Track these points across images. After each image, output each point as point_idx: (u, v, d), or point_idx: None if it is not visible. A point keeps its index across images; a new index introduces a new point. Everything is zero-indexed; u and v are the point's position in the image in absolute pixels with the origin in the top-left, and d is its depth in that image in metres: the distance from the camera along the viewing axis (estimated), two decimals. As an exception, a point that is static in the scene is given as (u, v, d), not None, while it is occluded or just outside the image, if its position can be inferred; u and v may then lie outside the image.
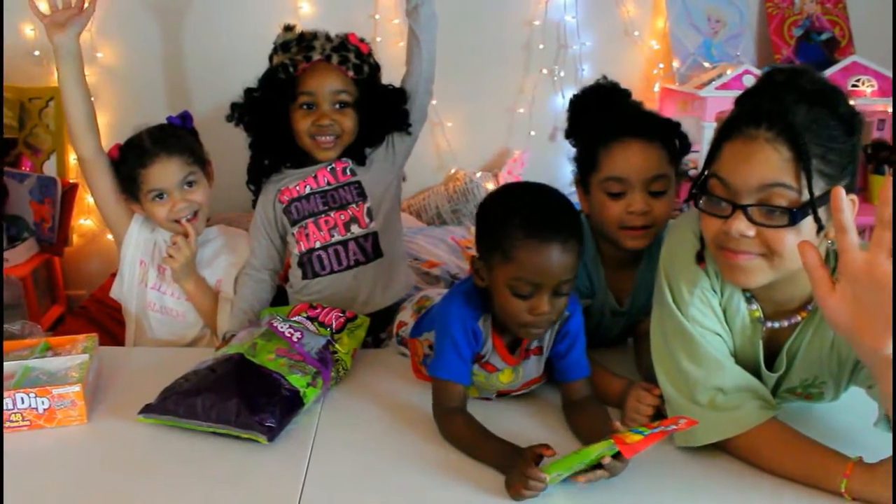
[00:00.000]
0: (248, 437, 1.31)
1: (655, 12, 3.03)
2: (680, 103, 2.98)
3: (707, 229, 1.21)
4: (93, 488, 1.23)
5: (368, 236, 1.86)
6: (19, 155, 2.91)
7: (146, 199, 1.82)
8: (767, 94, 1.18)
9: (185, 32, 2.90)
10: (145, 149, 1.82)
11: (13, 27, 2.87)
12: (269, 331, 1.53)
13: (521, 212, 1.28)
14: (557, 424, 1.41)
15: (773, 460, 1.23)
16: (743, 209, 1.14)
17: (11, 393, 1.38)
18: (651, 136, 1.52)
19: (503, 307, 1.32)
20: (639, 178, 1.50)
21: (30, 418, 1.39)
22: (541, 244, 1.26)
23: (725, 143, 1.17)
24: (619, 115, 1.58)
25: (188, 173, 1.82)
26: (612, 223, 1.53)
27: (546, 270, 1.26)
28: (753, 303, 1.30)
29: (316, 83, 1.78)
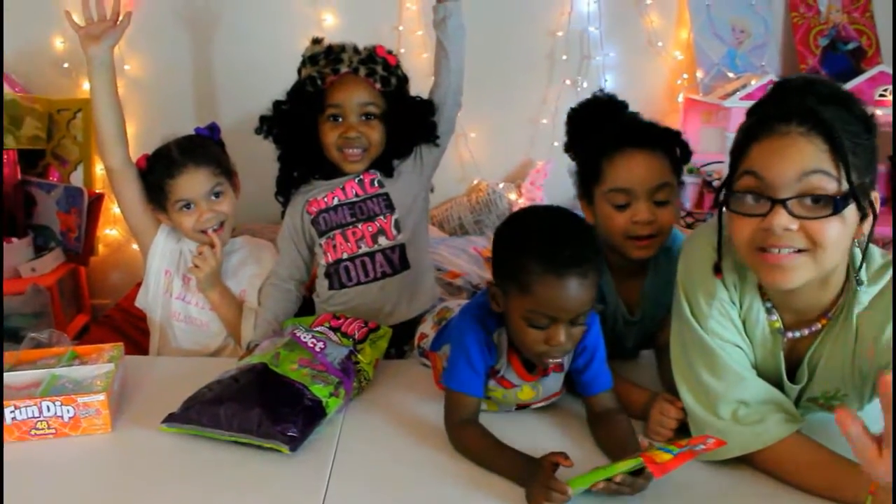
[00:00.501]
0: (271, 446, 1.31)
1: (679, 23, 3.02)
2: (704, 114, 2.96)
3: (740, 232, 1.19)
4: (116, 497, 1.24)
5: (396, 248, 1.86)
6: (47, 166, 2.95)
7: (173, 210, 1.84)
8: (788, 96, 1.17)
9: (211, 44, 2.93)
10: (173, 159, 1.83)
11: (44, 39, 2.92)
12: (293, 341, 1.53)
13: (539, 244, 1.26)
14: (580, 436, 1.40)
15: (797, 475, 1.22)
16: (783, 203, 1.12)
17: (38, 401, 1.39)
18: (653, 145, 1.52)
19: (519, 336, 1.32)
20: (643, 188, 1.50)
21: (55, 426, 1.40)
22: (559, 279, 1.24)
23: (754, 143, 1.16)
24: (621, 126, 1.58)
25: (215, 184, 1.84)
26: (618, 234, 1.53)
27: (563, 305, 1.25)
28: (773, 313, 1.29)
29: (343, 96, 1.78)
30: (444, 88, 1.87)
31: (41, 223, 2.86)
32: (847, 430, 0.95)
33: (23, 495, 1.25)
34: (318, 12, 2.87)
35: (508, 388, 1.42)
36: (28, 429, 1.40)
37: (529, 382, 1.42)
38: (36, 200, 2.86)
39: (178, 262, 1.92)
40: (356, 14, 2.89)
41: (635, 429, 1.37)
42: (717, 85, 2.93)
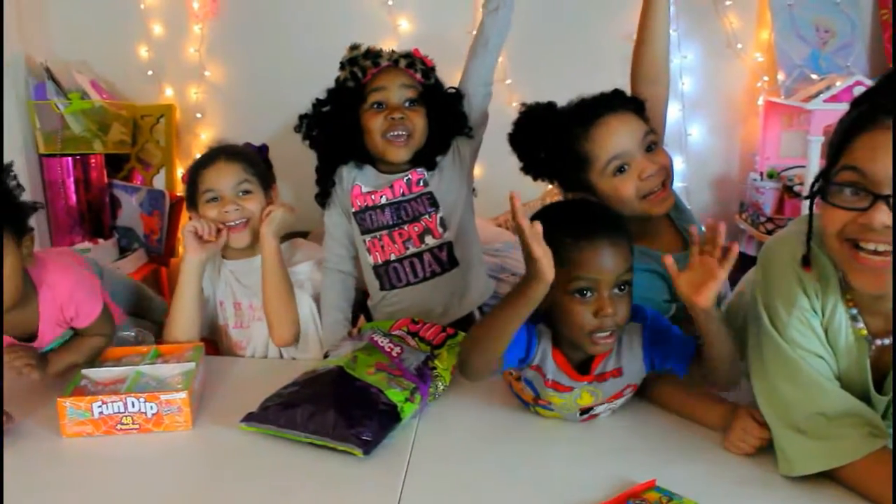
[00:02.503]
0: (345, 449, 1.32)
1: (760, 23, 2.94)
2: (785, 117, 2.88)
3: (833, 223, 1.15)
4: (196, 492, 1.27)
5: (443, 246, 1.86)
6: (132, 169, 3.06)
7: (201, 202, 1.86)
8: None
9: (285, 52, 2.99)
10: (210, 154, 1.89)
11: (129, 48, 3.03)
12: (370, 345, 1.54)
13: (568, 220, 1.32)
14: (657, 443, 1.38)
15: (883, 494, 1.15)
16: (885, 199, 1.08)
17: (123, 397, 1.45)
18: (617, 105, 1.55)
19: (568, 319, 1.31)
20: (634, 143, 1.52)
21: (140, 422, 1.45)
22: (591, 242, 1.28)
23: (859, 136, 1.11)
24: (581, 105, 1.59)
25: (244, 180, 1.85)
26: (633, 199, 1.53)
27: (600, 265, 1.28)
28: (859, 320, 1.24)
29: (386, 80, 1.79)
30: (476, 78, 1.86)
31: (125, 225, 2.97)
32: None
33: (108, 488, 1.29)
34: (394, 18, 2.90)
35: (563, 391, 1.41)
36: (114, 423, 1.45)
37: (585, 385, 1.40)
38: (121, 203, 2.96)
39: (224, 289, 1.94)
40: (431, 19, 2.91)
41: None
42: (800, 87, 2.84)
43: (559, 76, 2.88)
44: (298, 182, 2.04)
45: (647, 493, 1.20)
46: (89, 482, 1.32)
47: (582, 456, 1.36)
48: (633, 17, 2.87)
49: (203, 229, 1.82)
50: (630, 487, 1.21)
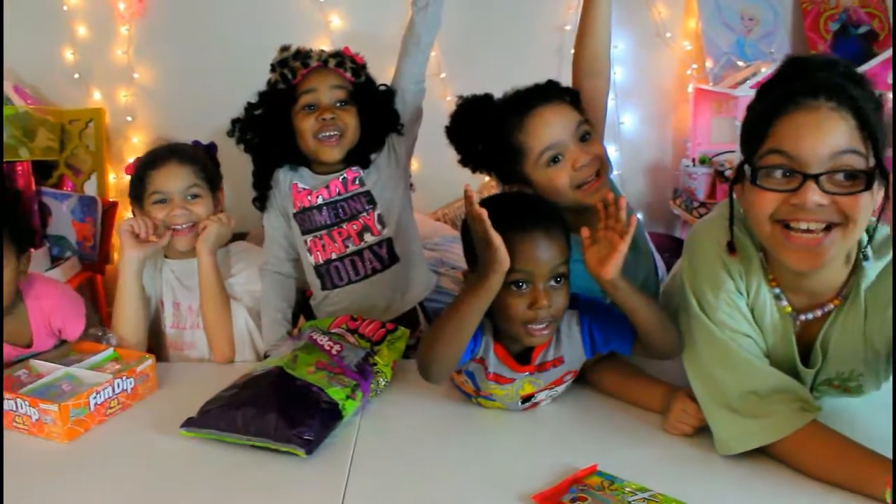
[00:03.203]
0: (287, 450, 1.31)
1: (687, 12, 3.00)
2: (714, 104, 2.94)
3: (762, 206, 1.17)
4: (135, 500, 1.25)
5: (382, 243, 1.87)
6: (61, 176, 2.98)
7: (148, 203, 1.83)
8: (811, 73, 1.16)
9: (216, 51, 2.94)
10: (158, 154, 1.87)
11: (55, 51, 2.95)
12: (310, 343, 1.53)
13: (501, 214, 1.29)
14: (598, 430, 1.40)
15: (814, 466, 1.20)
16: (815, 179, 1.12)
17: (15, 396, 1.45)
18: (551, 96, 1.57)
19: (504, 310, 1.32)
20: (568, 134, 1.54)
21: (27, 424, 1.45)
22: (524, 234, 1.29)
23: (780, 119, 1.14)
24: (515, 97, 1.60)
25: (193, 184, 1.84)
26: (567, 189, 1.55)
27: (534, 257, 1.29)
28: (782, 298, 1.28)
29: (316, 81, 1.79)
30: (408, 76, 1.87)
31: (56, 233, 2.88)
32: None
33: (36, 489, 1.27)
34: (326, 15, 2.88)
35: (505, 383, 1.42)
36: (10, 420, 1.46)
37: (526, 376, 1.42)
38: (51, 210, 2.88)
39: (165, 288, 1.91)
40: (363, 16, 2.90)
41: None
42: (727, 74, 2.91)
43: (493, 69, 2.87)
44: (234, 183, 2.01)
45: (590, 479, 1.21)
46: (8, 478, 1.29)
47: (525, 445, 1.38)
48: (563, 8, 2.93)
49: (140, 228, 1.79)
50: (572, 473, 1.22)
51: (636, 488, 1.18)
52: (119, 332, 1.78)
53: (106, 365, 1.62)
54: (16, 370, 1.59)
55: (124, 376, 1.54)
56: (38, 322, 1.72)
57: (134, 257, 1.79)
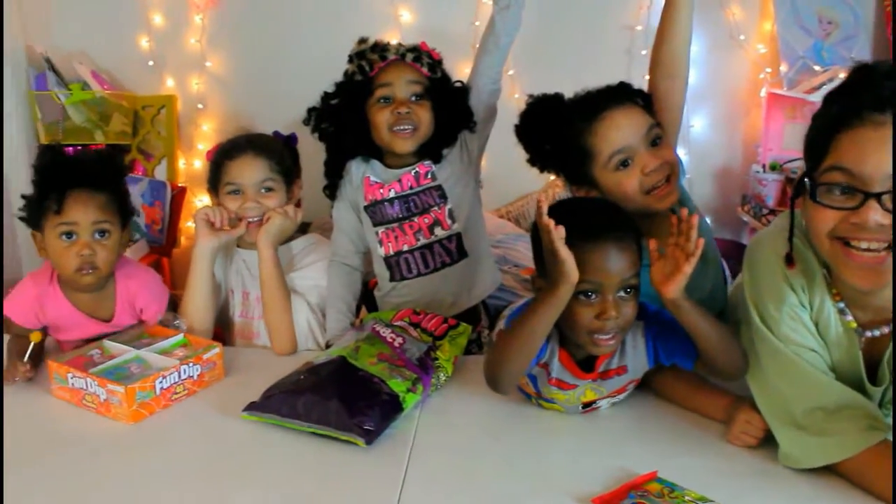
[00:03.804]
0: (347, 438, 1.32)
1: (763, 15, 2.93)
2: (788, 109, 2.87)
3: (822, 222, 1.14)
4: (196, 481, 1.27)
5: (452, 238, 1.87)
6: (133, 160, 3.06)
7: (222, 192, 1.86)
8: (878, 83, 1.11)
9: (287, 42, 2.98)
10: (237, 144, 1.88)
11: (130, 39, 3.02)
12: (372, 335, 1.54)
13: (572, 218, 1.27)
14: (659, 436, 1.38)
15: (883, 487, 1.15)
16: (877, 197, 1.08)
17: (85, 375, 1.49)
18: (622, 99, 1.54)
19: (570, 319, 1.30)
20: (638, 138, 1.51)
21: (95, 403, 1.48)
22: (596, 243, 1.26)
23: (842, 133, 1.11)
24: (586, 98, 1.58)
25: (267, 178, 1.85)
26: (636, 194, 1.52)
27: (604, 268, 1.26)
28: (847, 313, 1.24)
29: (392, 76, 1.80)
30: (485, 74, 1.86)
31: (127, 216, 2.96)
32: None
33: (91, 467, 1.30)
34: (396, 9, 2.89)
35: (568, 389, 1.41)
36: (80, 398, 1.50)
37: (589, 383, 1.40)
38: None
39: (235, 277, 1.94)
40: (432, 10, 2.90)
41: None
42: (803, 79, 2.84)
43: (562, 67, 2.87)
44: (304, 171, 2.03)
45: (649, 485, 1.19)
46: (72, 454, 1.34)
47: (583, 448, 1.36)
48: (634, 8, 2.89)
49: (215, 217, 1.82)
50: (631, 479, 1.21)
51: (697, 498, 1.16)
52: (188, 318, 1.81)
53: (175, 350, 1.65)
54: (89, 349, 1.63)
55: (191, 363, 1.56)
56: (123, 299, 1.75)
57: (208, 245, 1.82)
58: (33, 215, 1.67)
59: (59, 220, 1.62)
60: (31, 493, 1.23)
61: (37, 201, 1.66)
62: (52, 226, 1.63)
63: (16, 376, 1.59)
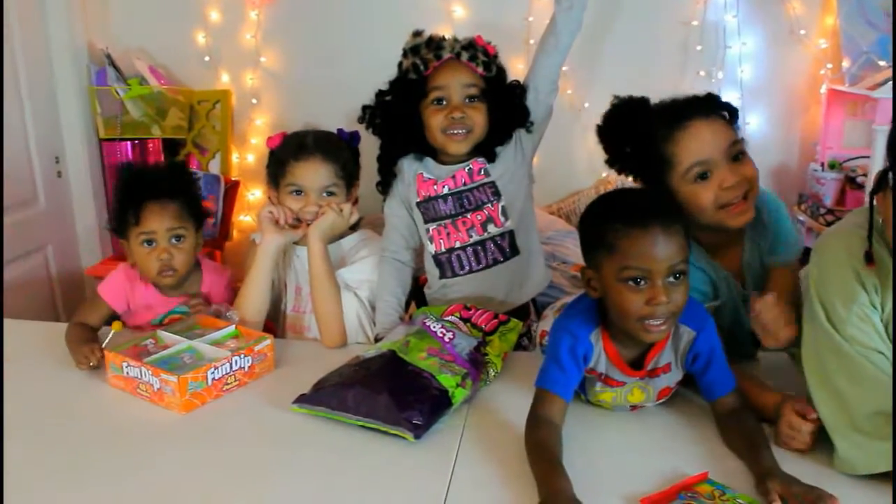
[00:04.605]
0: (396, 433, 1.33)
1: (825, 9, 2.85)
2: (849, 105, 2.79)
3: None
4: (245, 471, 1.28)
5: (505, 235, 1.86)
6: (188, 154, 3.11)
7: (284, 190, 1.88)
8: None
9: (340, 38, 3.00)
10: (305, 144, 1.88)
11: (187, 34, 3.07)
12: (422, 330, 1.55)
13: (619, 206, 1.31)
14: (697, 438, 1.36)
15: None
16: None
17: (140, 365, 1.52)
18: (707, 111, 1.50)
19: (620, 307, 1.28)
20: (720, 151, 1.47)
21: (148, 392, 1.52)
22: (643, 229, 1.25)
23: None
24: (670, 106, 1.55)
25: (332, 184, 1.87)
26: (709, 207, 1.49)
27: (652, 254, 1.24)
28: None
29: (447, 78, 1.79)
30: (543, 73, 1.84)
31: (182, 209, 3.01)
32: None
33: (146, 454, 1.33)
34: (448, 4, 2.89)
35: (616, 387, 1.40)
36: (134, 386, 1.54)
37: (637, 381, 1.39)
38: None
39: (289, 273, 1.96)
40: (485, 5, 2.89)
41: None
42: (866, 74, 2.75)
43: (617, 63, 2.85)
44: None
45: (700, 486, 1.18)
46: (126, 442, 1.37)
47: (632, 446, 1.35)
48: (689, 3, 2.84)
49: (281, 216, 1.85)
50: (681, 480, 1.19)
51: (749, 501, 1.14)
52: (243, 311, 1.84)
53: (227, 342, 1.68)
54: (144, 339, 1.67)
55: (243, 354, 1.58)
56: (206, 290, 1.92)
57: (273, 243, 1.85)
58: (119, 227, 1.85)
59: (139, 229, 1.81)
60: (85, 481, 1.26)
61: (120, 214, 1.83)
62: (134, 235, 1.82)
63: (91, 361, 1.63)
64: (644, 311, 1.26)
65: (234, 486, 1.24)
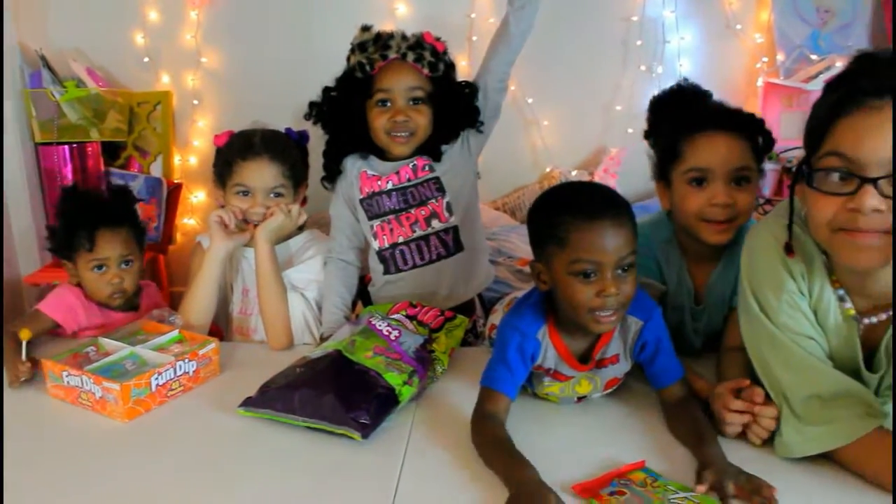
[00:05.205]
0: (343, 433, 1.32)
1: (760, 4, 2.92)
2: (785, 98, 2.86)
3: (821, 211, 1.14)
4: (193, 477, 1.27)
5: (449, 230, 1.87)
6: (129, 157, 3.05)
7: (230, 191, 1.87)
8: (879, 70, 1.11)
9: (282, 37, 2.97)
10: (252, 144, 1.86)
11: (125, 35, 3.00)
12: (368, 329, 1.54)
13: (568, 200, 1.32)
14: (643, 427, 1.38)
15: (878, 474, 1.15)
16: (873, 182, 1.07)
17: (81, 373, 1.48)
18: (736, 129, 1.52)
19: (570, 299, 1.30)
20: (723, 168, 1.49)
21: (91, 401, 1.48)
22: (591, 221, 1.26)
23: (840, 120, 1.10)
24: (705, 108, 1.59)
25: (279, 185, 1.86)
26: (692, 214, 1.52)
27: (602, 247, 1.26)
28: (846, 300, 1.24)
29: (392, 80, 1.79)
30: (494, 73, 1.86)
31: (123, 213, 2.95)
32: None
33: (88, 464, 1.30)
34: (391, 2, 2.88)
35: (564, 381, 1.41)
36: (76, 396, 1.50)
37: (585, 374, 1.41)
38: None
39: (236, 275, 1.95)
40: (428, 2, 2.89)
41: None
42: (799, 68, 2.83)
43: (558, 58, 2.87)
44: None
45: (633, 474, 1.20)
46: (68, 453, 1.34)
47: (576, 438, 1.36)
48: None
49: (229, 220, 1.83)
50: (617, 468, 1.21)
51: (679, 488, 1.16)
52: (188, 315, 1.82)
53: (171, 346, 1.65)
54: (84, 346, 1.63)
55: (187, 358, 1.56)
56: (147, 305, 1.94)
57: (223, 248, 1.83)
58: (64, 249, 1.85)
59: (92, 256, 1.82)
60: (28, 492, 1.23)
61: (68, 238, 1.83)
62: (84, 261, 1.82)
63: (20, 376, 1.59)
64: (594, 303, 1.28)
65: (181, 494, 1.22)
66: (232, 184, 1.86)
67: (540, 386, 1.43)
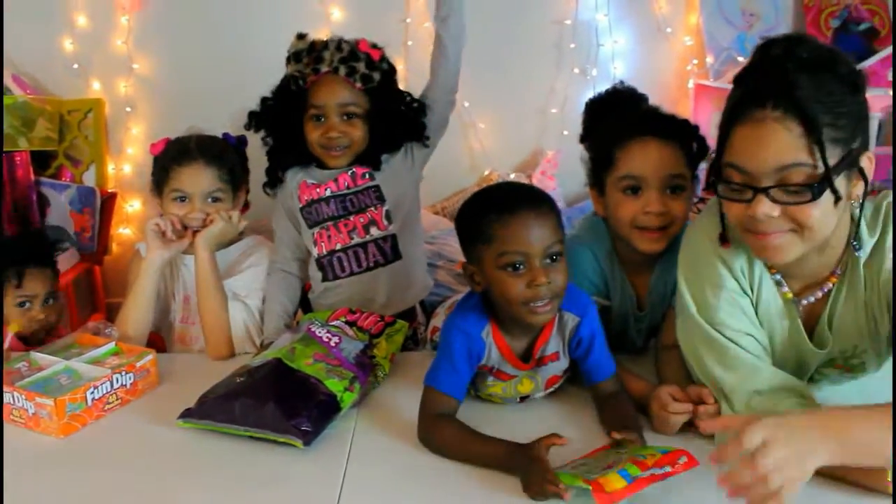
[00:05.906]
0: (285, 441, 1.32)
1: (689, 8, 2.99)
2: (715, 99, 2.93)
3: (731, 214, 1.21)
4: (133, 492, 1.25)
5: (388, 238, 1.87)
6: (60, 166, 2.97)
7: (167, 197, 1.84)
8: (767, 70, 1.15)
9: (219, 41, 2.93)
10: (188, 149, 1.84)
11: (54, 41, 2.93)
12: (308, 336, 1.54)
13: (491, 198, 1.36)
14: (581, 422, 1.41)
15: None
16: (764, 192, 1.13)
17: (11, 390, 1.45)
18: (669, 135, 1.51)
19: (503, 294, 1.31)
20: (656, 176, 1.49)
21: (24, 418, 1.45)
22: (513, 214, 1.29)
23: (734, 128, 1.15)
24: (638, 114, 1.58)
25: (217, 189, 1.84)
26: (626, 223, 1.52)
27: (527, 238, 1.28)
28: (783, 284, 1.29)
29: (324, 97, 1.79)
30: (439, 88, 1.87)
31: (55, 223, 2.87)
32: None
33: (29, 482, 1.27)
34: (326, 7, 2.87)
35: (507, 380, 1.43)
36: (8, 413, 1.46)
37: (526, 372, 1.43)
38: (49, 201, 2.88)
39: (177, 283, 1.92)
40: (363, 8, 2.89)
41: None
42: (728, 70, 2.91)
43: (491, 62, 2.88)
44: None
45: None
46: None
47: (522, 437, 1.36)
48: (561, 2, 2.92)
49: (167, 228, 1.80)
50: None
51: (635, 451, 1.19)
52: (125, 327, 1.79)
53: (107, 359, 1.61)
54: (16, 362, 1.59)
55: (124, 371, 1.53)
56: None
57: (159, 258, 1.80)
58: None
59: (20, 292, 1.84)
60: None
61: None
62: (13, 296, 1.84)
63: None
64: (527, 294, 1.30)
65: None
66: (169, 190, 1.83)
67: (483, 387, 1.45)
